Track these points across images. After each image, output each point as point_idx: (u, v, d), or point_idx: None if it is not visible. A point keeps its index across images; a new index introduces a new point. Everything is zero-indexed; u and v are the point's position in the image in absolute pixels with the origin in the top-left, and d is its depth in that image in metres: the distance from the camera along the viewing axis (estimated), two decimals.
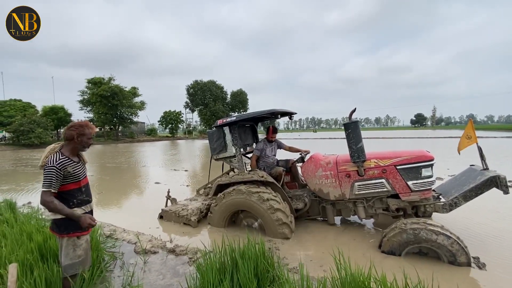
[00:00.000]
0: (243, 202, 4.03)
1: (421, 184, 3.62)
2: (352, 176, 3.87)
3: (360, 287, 2.02)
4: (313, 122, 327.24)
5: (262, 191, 3.96)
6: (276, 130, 4.81)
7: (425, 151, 3.75)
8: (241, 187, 4.09)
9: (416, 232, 3.05)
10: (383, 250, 3.33)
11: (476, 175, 3.64)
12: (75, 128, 2.20)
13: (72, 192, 2.19)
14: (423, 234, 3.02)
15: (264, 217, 3.90)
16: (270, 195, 3.93)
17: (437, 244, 2.99)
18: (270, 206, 3.83)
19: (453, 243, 2.93)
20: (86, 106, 47.28)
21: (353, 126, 3.72)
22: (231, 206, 4.17)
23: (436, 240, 2.97)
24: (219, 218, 4.33)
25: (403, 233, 3.13)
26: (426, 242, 3.03)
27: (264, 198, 3.87)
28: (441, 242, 2.96)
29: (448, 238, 2.94)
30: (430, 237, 2.99)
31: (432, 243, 3.01)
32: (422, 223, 3.09)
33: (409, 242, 3.12)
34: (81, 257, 2.21)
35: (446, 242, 2.94)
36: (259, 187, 4.06)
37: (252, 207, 3.97)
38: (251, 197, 3.95)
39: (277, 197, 3.99)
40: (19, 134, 32.51)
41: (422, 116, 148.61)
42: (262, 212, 3.89)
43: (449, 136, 30.86)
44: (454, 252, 2.94)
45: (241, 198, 4.03)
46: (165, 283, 2.83)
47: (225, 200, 4.18)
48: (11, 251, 2.81)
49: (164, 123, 64.45)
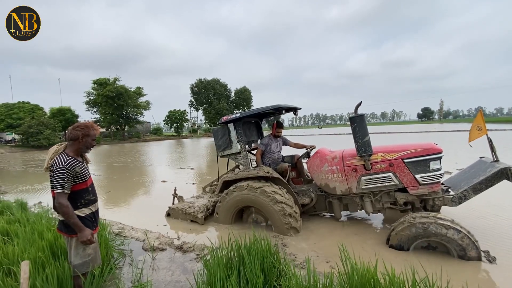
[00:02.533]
0: (248, 198, 4.04)
1: (429, 177, 3.55)
2: (359, 170, 3.83)
3: (367, 281, 2.01)
4: (318, 118, 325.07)
5: (267, 187, 3.96)
6: (281, 125, 4.76)
7: (433, 144, 3.68)
8: (246, 183, 4.10)
9: (425, 226, 3.01)
10: (391, 244, 3.29)
11: (486, 167, 3.56)
12: (80, 128, 2.19)
13: (80, 192, 2.19)
14: (432, 228, 2.97)
15: (271, 212, 3.90)
16: (276, 190, 3.92)
17: (447, 238, 2.94)
18: (276, 202, 3.82)
19: (463, 237, 2.89)
20: (93, 107, 47.92)
21: (359, 120, 3.67)
22: (237, 202, 4.19)
23: (446, 234, 2.93)
24: (226, 215, 4.35)
25: (412, 227, 3.09)
26: (436, 236, 2.99)
27: (269, 194, 3.86)
28: (451, 236, 2.91)
29: (458, 232, 2.90)
30: (440, 231, 2.95)
31: (442, 237, 2.96)
32: (432, 217, 3.04)
33: (418, 236, 3.08)
34: (91, 255, 2.24)
35: (456, 236, 2.90)
36: (264, 183, 4.06)
37: (258, 202, 3.98)
38: (256, 193, 3.95)
39: (283, 193, 3.98)
40: (28, 136, 33.19)
41: (429, 110, 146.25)
42: (269, 207, 3.89)
43: (457, 130, 30.32)
44: (464, 246, 2.89)
45: (246, 194, 4.04)
46: (174, 280, 2.87)
47: (230, 197, 4.20)
48: (23, 249, 2.88)
49: (169, 122, 64.93)
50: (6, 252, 2.83)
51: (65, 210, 2.02)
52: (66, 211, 2.03)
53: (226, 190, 4.29)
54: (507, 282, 2.64)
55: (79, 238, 2.11)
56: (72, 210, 2.07)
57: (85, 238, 2.10)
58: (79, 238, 2.10)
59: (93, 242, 2.18)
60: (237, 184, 4.19)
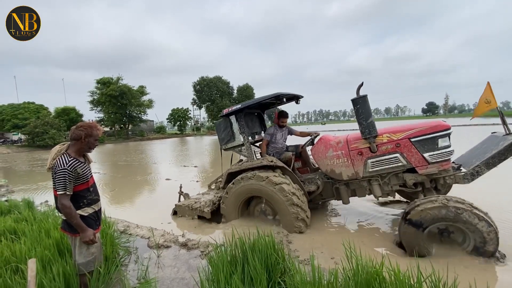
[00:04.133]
0: (253, 188, 3.96)
1: (438, 155, 3.41)
2: (365, 153, 3.70)
3: (372, 277, 2.00)
4: (321, 114, 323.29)
5: (272, 175, 3.88)
6: (285, 115, 4.62)
7: (441, 121, 3.56)
8: (250, 173, 4.04)
9: (459, 211, 2.85)
10: (409, 219, 3.04)
11: (499, 141, 3.40)
12: (83, 128, 2.17)
13: (82, 193, 2.20)
14: (465, 215, 2.82)
15: (281, 207, 3.81)
16: (294, 191, 3.82)
17: (475, 228, 2.82)
18: (292, 204, 3.73)
19: (490, 232, 2.79)
20: (96, 106, 48.21)
21: (362, 101, 3.54)
22: (242, 193, 4.12)
23: (477, 225, 2.81)
24: (232, 208, 4.27)
25: (443, 208, 2.91)
26: (464, 224, 2.85)
27: (284, 189, 3.76)
28: (480, 228, 2.80)
29: (489, 225, 2.78)
30: (471, 220, 2.81)
31: (470, 226, 2.84)
32: (468, 204, 2.90)
33: (445, 218, 2.92)
34: (94, 254, 2.26)
35: (485, 229, 2.79)
36: (268, 171, 3.99)
37: (270, 195, 3.87)
38: (260, 182, 3.87)
39: (287, 179, 3.91)
40: (34, 136, 33.56)
41: (434, 105, 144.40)
42: (280, 202, 3.79)
43: (462, 124, 29.95)
44: (488, 240, 2.80)
45: (251, 184, 3.96)
46: (179, 277, 2.89)
47: (238, 186, 4.11)
48: (30, 248, 2.93)
49: (172, 120, 65.15)
50: (14, 250, 2.87)
51: (68, 211, 2.04)
52: (68, 212, 2.04)
53: (233, 180, 4.21)
54: None
55: (82, 238, 2.12)
56: (75, 211, 2.08)
57: (87, 238, 2.12)
58: (82, 238, 2.12)
59: (95, 242, 2.19)
60: (256, 172, 4.06)
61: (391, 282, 1.95)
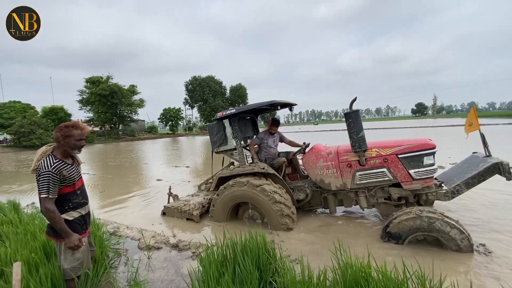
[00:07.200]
0: (244, 194, 4.03)
1: (423, 173, 3.60)
2: (354, 166, 3.86)
3: (360, 276, 2.04)
4: (313, 114, 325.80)
5: (263, 183, 3.96)
6: (277, 123, 4.74)
7: (427, 139, 3.73)
8: (242, 179, 4.10)
9: (431, 221, 3.02)
10: (389, 232, 3.27)
11: (479, 162, 3.61)
12: (59, 129, 2.08)
13: (68, 196, 2.11)
14: (437, 224, 2.99)
15: (268, 211, 3.90)
16: (275, 190, 3.92)
17: (448, 237, 2.99)
18: (275, 201, 3.83)
19: (463, 239, 2.95)
20: (86, 105, 47.20)
21: (354, 116, 3.68)
22: (233, 198, 4.18)
23: (449, 233, 2.97)
24: (221, 212, 4.34)
25: (417, 219, 3.09)
26: (438, 232, 3.02)
27: (265, 189, 3.87)
28: (453, 236, 2.96)
29: (461, 233, 2.95)
30: (444, 229, 2.98)
31: (444, 234, 3.00)
32: (439, 214, 3.07)
33: (420, 228, 3.09)
34: (80, 260, 2.17)
35: (458, 237, 2.95)
36: (260, 179, 4.06)
37: (253, 198, 3.97)
38: (252, 189, 3.95)
39: (282, 192, 3.99)
40: (20, 136, 32.61)
41: (423, 105, 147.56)
42: (264, 203, 3.89)
43: (450, 125, 30.73)
44: (462, 247, 2.96)
45: (242, 190, 4.03)
46: (169, 278, 2.87)
47: (229, 191, 4.17)
48: (16, 251, 2.85)
49: (164, 120, 64.41)
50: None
51: (51, 215, 1.96)
52: (52, 216, 1.97)
53: (225, 184, 4.26)
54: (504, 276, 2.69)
55: (66, 244, 2.05)
56: (59, 215, 2.01)
57: (71, 244, 2.04)
58: (66, 243, 2.05)
59: (80, 247, 2.11)
60: (237, 179, 4.16)
61: (379, 280, 2.00)
